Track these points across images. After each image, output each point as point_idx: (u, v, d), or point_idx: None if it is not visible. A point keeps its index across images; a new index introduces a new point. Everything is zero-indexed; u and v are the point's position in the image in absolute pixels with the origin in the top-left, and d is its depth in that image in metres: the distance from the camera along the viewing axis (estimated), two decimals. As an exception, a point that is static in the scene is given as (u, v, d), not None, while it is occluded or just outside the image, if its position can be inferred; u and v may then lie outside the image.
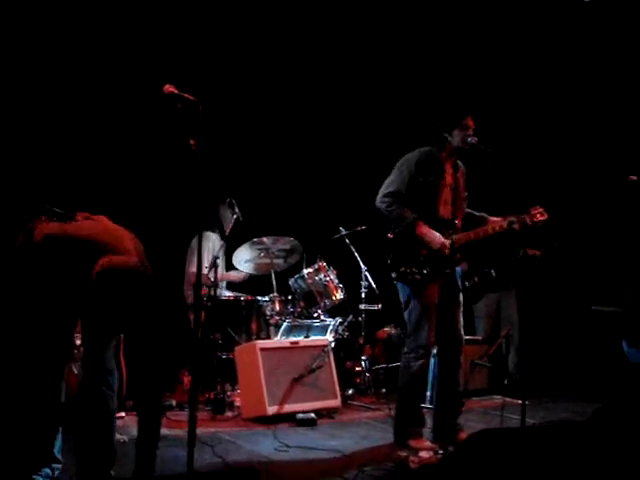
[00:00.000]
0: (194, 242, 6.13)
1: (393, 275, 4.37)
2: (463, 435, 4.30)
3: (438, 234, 4.26)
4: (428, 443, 4.23)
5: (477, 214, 4.57)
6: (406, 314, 4.37)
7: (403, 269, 4.30)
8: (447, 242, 4.26)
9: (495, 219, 4.43)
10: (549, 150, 7.26)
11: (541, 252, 6.27)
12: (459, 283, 4.47)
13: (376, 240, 5.88)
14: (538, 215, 4.35)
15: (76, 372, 4.24)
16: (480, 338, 6.30)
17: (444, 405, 4.43)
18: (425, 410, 4.54)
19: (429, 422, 4.46)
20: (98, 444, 3.15)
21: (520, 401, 3.82)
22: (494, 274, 6.40)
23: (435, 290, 4.30)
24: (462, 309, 4.49)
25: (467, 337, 4.76)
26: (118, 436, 4.30)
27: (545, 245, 6.36)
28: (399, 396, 4.42)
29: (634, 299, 5.65)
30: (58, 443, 3.36)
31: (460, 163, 4.52)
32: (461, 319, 4.48)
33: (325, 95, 7.20)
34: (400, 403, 4.39)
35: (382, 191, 4.38)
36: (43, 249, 3.15)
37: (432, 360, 4.83)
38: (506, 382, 6.25)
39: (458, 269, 4.49)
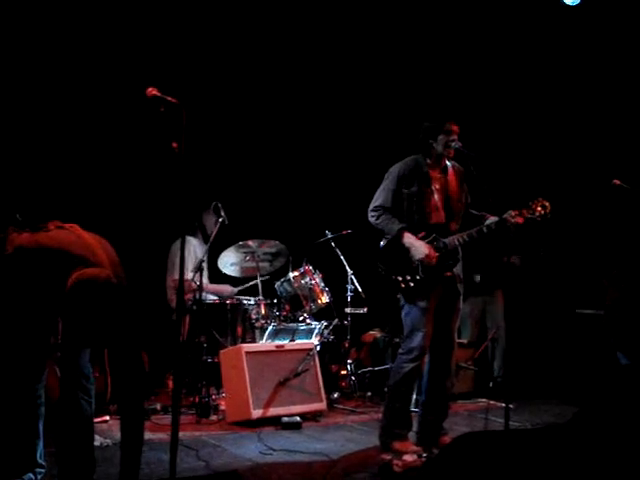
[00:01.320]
0: (174, 247, 6.09)
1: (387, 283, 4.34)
2: (447, 439, 4.28)
3: (423, 244, 4.23)
4: (412, 446, 4.21)
5: (477, 214, 4.51)
6: (402, 317, 4.34)
7: (395, 277, 4.28)
8: (433, 252, 4.21)
9: (492, 217, 4.33)
10: (533, 155, 7.29)
11: (520, 259, 6.31)
12: (460, 288, 4.42)
13: (362, 244, 5.90)
14: (539, 208, 4.22)
15: (59, 375, 4.21)
16: (465, 342, 6.31)
17: (431, 409, 4.40)
18: (412, 414, 4.52)
19: (415, 426, 4.45)
20: (76, 450, 3.14)
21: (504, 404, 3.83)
22: (478, 279, 6.42)
23: (432, 295, 4.25)
24: (460, 315, 4.46)
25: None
26: (102, 440, 4.30)
27: (528, 252, 6.39)
28: (388, 396, 4.37)
29: (613, 303, 5.68)
30: (40, 448, 3.35)
31: (451, 164, 4.48)
32: (457, 325, 4.46)
33: (311, 99, 7.20)
34: (388, 403, 4.34)
35: (370, 206, 4.40)
36: (14, 261, 3.12)
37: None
38: (491, 385, 6.27)
39: (458, 270, 4.42)
